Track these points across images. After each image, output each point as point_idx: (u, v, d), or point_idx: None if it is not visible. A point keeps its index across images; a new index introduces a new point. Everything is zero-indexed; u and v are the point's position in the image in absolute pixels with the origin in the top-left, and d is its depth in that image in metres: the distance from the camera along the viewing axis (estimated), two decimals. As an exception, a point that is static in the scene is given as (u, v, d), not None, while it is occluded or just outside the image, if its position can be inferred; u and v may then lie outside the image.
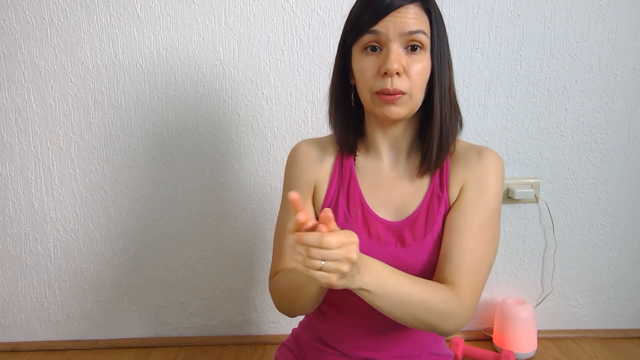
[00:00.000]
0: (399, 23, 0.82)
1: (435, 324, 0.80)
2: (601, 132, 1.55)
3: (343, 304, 0.95)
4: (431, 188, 0.91)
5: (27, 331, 1.62)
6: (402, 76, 0.82)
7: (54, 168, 1.54)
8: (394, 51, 0.82)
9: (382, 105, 0.84)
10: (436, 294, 0.80)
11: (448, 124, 0.88)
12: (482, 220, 0.87)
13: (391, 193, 0.92)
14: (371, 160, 0.95)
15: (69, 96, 1.50)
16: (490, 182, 0.89)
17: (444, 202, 0.90)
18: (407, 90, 0.83)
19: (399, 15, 0.82)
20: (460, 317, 0.82)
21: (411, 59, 0.83)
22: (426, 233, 0.89)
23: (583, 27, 1.49)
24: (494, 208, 0.88)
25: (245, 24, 1.47)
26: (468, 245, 0.85)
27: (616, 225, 1.60)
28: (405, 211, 0.91)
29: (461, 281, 0.83)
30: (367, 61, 0.84)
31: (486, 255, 0.87)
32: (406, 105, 0.85)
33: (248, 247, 1.59)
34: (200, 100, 1.51)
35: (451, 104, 0.89)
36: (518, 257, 1.61)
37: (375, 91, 0.84)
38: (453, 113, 0.89)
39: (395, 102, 0.83)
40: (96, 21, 1.46)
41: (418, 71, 0.84)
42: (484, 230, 0.87)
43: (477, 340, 1.62)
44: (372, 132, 0.93)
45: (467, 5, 1.47)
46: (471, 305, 0.84)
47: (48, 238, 1.57)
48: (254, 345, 1.62)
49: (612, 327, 1.65)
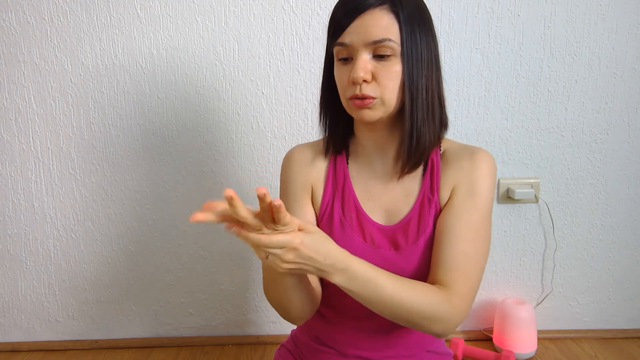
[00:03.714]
0: (363, 32, 0.82)
1: (420, 324, 0.81)
2: (601, 132, 1.55)
3: (339, 305, 0.95)
4: (422, 191, 0.91)
5: (27, 331, 1.62)
6: (371, 82, 0.83)
7: (54, 168, 1.54)
8: (361, 60, 0.83)
9: (356, 110, 0.86)
10: (421, 297, 0.80)
11: (420, 124, 0.86)
12: (474, 223, 0.86)
13: (383, 196, 0.93)
14: (363, 164, 0.95)
15: (69, 96, 1.50)
16: (482, 185, 0.88)
17: (434, 204, 0.90)
18: (377, 95, 0.84)
19: (362, 24, 0.82)
20: (448, 322, 0.82)
21: (380, 65, 0.83)
22: (419, 236, 0.89)
23: (583, 27, 1.49)
24: (485, 211, 0.88)
25: (245, 24, 1.47)
26: (460, 248, 0.85)
27: (616, 225, 1.60)
28: (398, 215, 0.91)
29: (454, 284, 0.83)
30: (340, 70, 0.86)
31: (479, 257, 0.87)
32: (379, 108, 0.85)
33: (248, 247, 1.59)
34: (200, 100, 1.51)
35: (429, 104, 0.87)
36: (518, 257, 1.61)
37: (347, 97, 0.86)
38: (429, 113, 0.87)
39: (368, 106, 0.84)
40: (96, 21, 1.46)
41: (387, 76, 0.83)
42: (476, 233, 0.86)
43: (477, 340, 1.62)
44: (360, 135, 0.94)
45: (467, 5, 1.47)
46: (463, 308, 0.84)
47: (48, 238, 1.57)
48: (254, 345, 1.62)
49: (612, 327, 1.65)
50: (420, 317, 0.80)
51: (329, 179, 0.96)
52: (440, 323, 0.81)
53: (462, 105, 1.53)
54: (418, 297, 0.80)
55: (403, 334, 0.95)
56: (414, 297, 0.79)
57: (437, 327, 0.82)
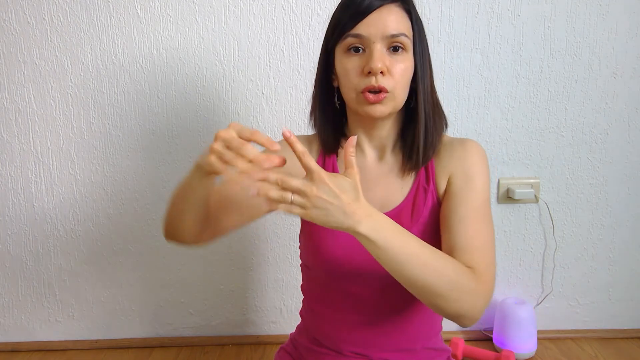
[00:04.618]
0: (381, 26, 0.83)
1: (447, 296, 0.76)
2: (601, 132, 1.55)
3: (335, 301, 0.95)
4: (417, 181, 0.93)
5: (27, 331, 1.62)
6: (386, 75, 0.84)
7: (54, 168, 1.54)
8: (377, 51, 0.84)
9: (368, 105, 0.86)
10: (449, 260, 0.78)
11: (432, 123, 0.90)
12: (478, 205, 0.88)
13: (375, 190, 0.93)
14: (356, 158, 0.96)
15: (69, 96, 1.50)
16: (477, 169, 0.90)
17: (430, 193, 0.91)
18: (391, 88, 0.85)
19: (380, 17, 0.83)
20: (475, 296, 0.79)
21: (394, 59, 0.85)
22: (412, 224, 0.90)
23: (583, 27, 1.49)
24: (485, 194, 0.90)
25: (245, 24, 1.47)
26: (471, 229, 0.85)
27: (616, 225, 1.60)
28: (391, 204, 0.92)
29: (473, 264, 0.82)
30: (351, 62, 0.86)
31: (488, 237, 0.87)
32: (389, 104, 0.86)
33: (248, 247, 1.59)
34: (200, 100, 1.51)
35: (433, 103, 0.91)
36: (518, 257, 1.61)
37: (360, 90, 0.85)
38: (436, 111, 0.91)
39: (380, 101, 0.85)
40: (96, 21, 1.46)
41: (401, 71, 0.85)
42: (481, 214, 0.88)
43: (477, 340, 1.62)
44: (355, 132, 0.95)
45: (467, 5, 1.47)
46: (487, 285, 0.81)
47: (48, 238, 1.57)
48: (254, 345, 1.62)
49: (612, 327, 1.65)
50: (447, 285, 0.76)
51: None
52: (468, 297, 0.78)
53: (462, 105, 1.53)
54: (446, 260, 0.78)
55: (401, 329, 0.95)
56: (441, 260, 0.77)
57: (464, 302, 0.78)
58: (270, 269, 1.61)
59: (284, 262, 1.60)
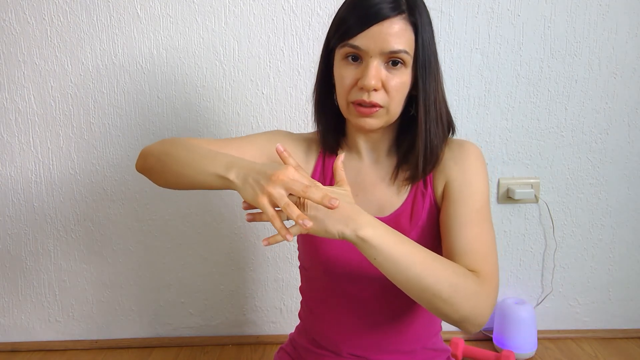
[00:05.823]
0: (380, 41, 0.81)
1: (445, 296, 0.74)
2: (601, 132, 1.55)
3: (333, 302, 0.95)
4: (415, 185, 0.92)
5: (27, 331, 1.62)
6: (380, 91, 0.83)
7: (54, 168, 1.54)
8: (373, 67, 0.82)
9: (358, 116, 0.85)
10: (452, 265, 0.78)
11: (432, 137, 0.88)
12: (477, 208, 0.87)
13: (373, 193, 0.93)
14: (353, 161, 0.95)
15: (69, 96, 1.50)
16: (475, 171, 0.89)
17: (428, 197, 0.91)
18: (384, 103, 0.84)
19: (381, 32, 0.81)
20: (478, 299, 0.77)
21: (391, 74, 0.84)
22: (411, 228, 0.89)
23: (583, 27, 1.49)
24: (484, 196, 0.89)
25: (245, 24, 1.47)
26: (471, 233, 0.84)
27: (616, 225, 1.60)
28: (389, 208, 0.92)
29: (476, 266, 0.81)
30: (347, 70, 0.85)
31: (489, 239, 0.86)
32: (382, 117, 0.86)
33: (248, 247, 1.59)
34: (200, 100, 1.51)
35: (437, 115, 0.88)
36: (518, 257, 1.61)
37: (351, 101, 0.85)
38: (439, 124, 0.89)
39: (371, 115, 0.84)
40: (96, 21, 1.46)
41: (396, 86, 0.84)
42: (481, 217, 0.87)
43: (477, 340, 1.62)
44: (352, 133, 0.95)
45: (467, 5, 1.47)
46: (491, 288, 0.80)
47: (48, 238, 1.57)
48: (254, 345, 1.62)
49: (612, 327, 1.65)
50: (447, 287, 0.74)
51: (315, 174, 0.97)
52: (471, 299, 0.76)
53: (462, 105, 1.53)
54: (445, 263, 0.77)
55: (400, 330, 0.94)
56: (439, 262, 0.76)
57: (467, 305, 0.76)
58: (270, 269, 1.61)
59: (284, 262, 1.60)
